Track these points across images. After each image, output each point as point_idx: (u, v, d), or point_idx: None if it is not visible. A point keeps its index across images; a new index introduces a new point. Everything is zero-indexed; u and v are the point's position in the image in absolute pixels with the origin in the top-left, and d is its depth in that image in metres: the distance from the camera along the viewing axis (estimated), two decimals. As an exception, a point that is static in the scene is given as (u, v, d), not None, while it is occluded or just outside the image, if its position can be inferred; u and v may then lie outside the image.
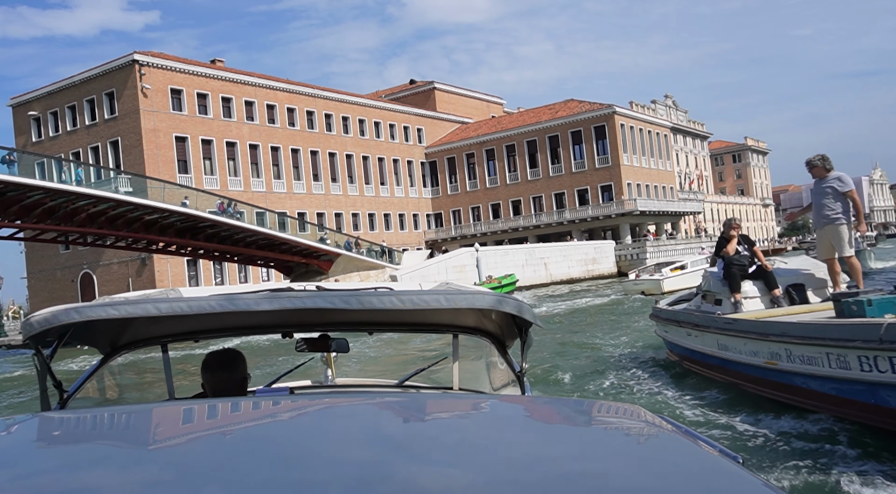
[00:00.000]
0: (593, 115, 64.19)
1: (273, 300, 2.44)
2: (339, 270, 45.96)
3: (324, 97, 62.07)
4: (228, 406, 1.86)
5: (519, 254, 53.04)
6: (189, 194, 38.53)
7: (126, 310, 2.42)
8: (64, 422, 1.69)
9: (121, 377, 4.05)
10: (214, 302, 2.42)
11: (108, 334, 3.01)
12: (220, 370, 2.84)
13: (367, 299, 2.43)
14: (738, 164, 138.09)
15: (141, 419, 1.67)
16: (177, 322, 2.90)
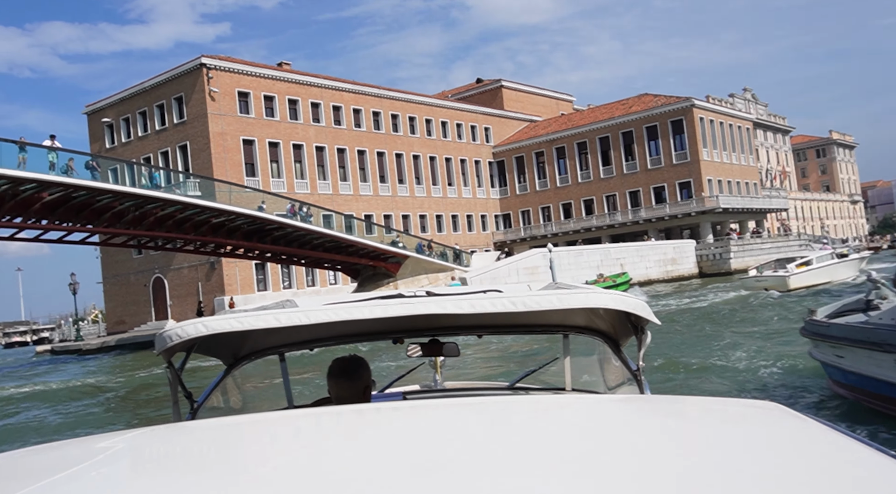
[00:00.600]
0: (670, 108, 61.22)
1: (386, 307, 2.48)
2: (408, 272, 44.73)
3: (390, 98, 61.14)
4: (349, 413, 1.91)
5: (594, 255, 50.76)
6: (264, 198, 38.18)
7: (248, 322, 2.50)
8: (197, 432, 1.80)
9: (243, 386, 4.21)
10: (331, 312, 2.49)
11: (230, 345, 3.12)
12: (344, 378, 2.88)
13: (478, 303, 2.43)
14: (822, 159, 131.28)
15: (269, 428, 1.76)
16: (293, 332, 2.96)
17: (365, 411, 1.96)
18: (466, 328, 3.24)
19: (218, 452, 1.54)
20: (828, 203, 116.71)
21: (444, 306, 2.44)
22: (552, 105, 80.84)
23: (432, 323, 2.94)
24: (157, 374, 23.40)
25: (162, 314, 50.96)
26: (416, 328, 3.03)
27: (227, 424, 1.95)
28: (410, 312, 2.46)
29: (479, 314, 2.44)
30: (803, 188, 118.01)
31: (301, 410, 2.82)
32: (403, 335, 3.11)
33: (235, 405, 3.64)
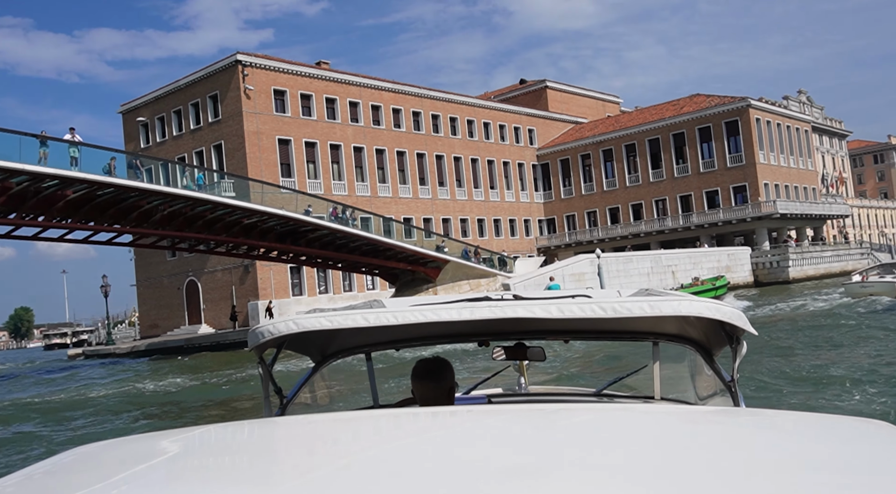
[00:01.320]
0: (724, 109, 58.11)
1: (473, 310, 2.49)
2: (448, 278, 42.61)
3: (430, 97, 59.21)
4: (434, 415, 1.95)
5: (644, 261, 48.01)
6: (310, 202, 36.70)
7: (338, 321, 2.55)
8: (287, 427, 1.88)
9: (330, 383, 4.14)
10: (418, 313, 2.53)
11: (319, 343, 3.17)
12: (429, 379, 2.86)
13: (566, 308, 2.42)
14: (880, 164, 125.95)
15: (356, 427, 1.80)
16: (380, 332, 2.98)
17: (450, 413, 2.01)
18: (553, 333, 3.15)
19: (306, 448, 1.60)
20: (886, 211, 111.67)
21: (531, 310, 2.44)
22: (598, 107, 78.11)
23: (519, 327, 2.95)
24: (177, 383, 21.67)
25: (195, 318, 49.68)
26: (502, 331, 3.03)
27: (315, 421, 2.05)
28: (497, 315, 2.45)
29: (566, 318, 2.43)
30: (860, 195, 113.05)
31: (386, 410, 2.92)
32: (489, 337, 3.12)
33: (322, 402, 3.70)
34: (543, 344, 3.29)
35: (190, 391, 19.71)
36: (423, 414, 2.05)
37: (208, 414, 15.63)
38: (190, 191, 30.81)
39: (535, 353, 3.17)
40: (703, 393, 3.31)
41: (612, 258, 46.66)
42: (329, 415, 2.27)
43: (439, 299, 3.12)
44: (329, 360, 3.27)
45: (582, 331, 3.14)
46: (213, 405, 16.98)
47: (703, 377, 3.22)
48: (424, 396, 2.83)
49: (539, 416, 1.77)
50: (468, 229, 60.34)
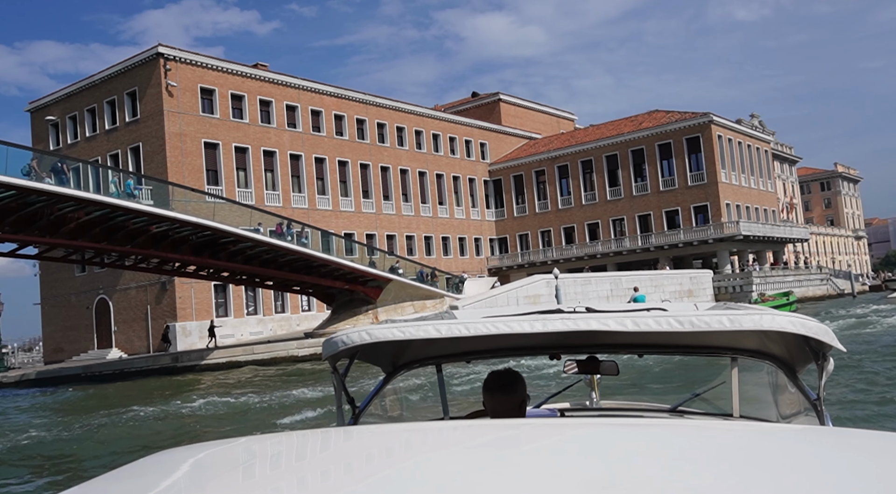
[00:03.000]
0: (685, 125, 55.44)
1: (546, 322, 2.48)
2: (390, 298, 38.28)
3: (376, 105, 55.09)
4: (506, 428, 1.91)
5: (603, 283, 44.47)
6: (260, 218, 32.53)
7: (410, 332, 2.57)
8: (360, 436, 1.90)
9: (401, 394, 4.37)
10: (490, 325, 2.49)
11: (390, 354, 3.18)
12: (500, 392, 2.83)
13: (642, 321, 2.39)
14: (827, 192, 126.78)
15: (428, 438, 1.80)
16: (451, 344, 2.99)
17: (522, 426, 1.98)
18: (627, 347, 3.10)
19: (380, 458, 1.61)
20: (832, 238, 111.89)
21: (605, 323, 2.41)
22: (552, 123, 75.18)
23: (592, 340, 2.89)
24: (37, 425, 16.78)
25: (105, 342, 44.13)
26: (574, 344, 2.98)
27: (387, 431, 2.08)
28: (571, 328, 2.44)
29: (642, 332, 2.39)
30: (807, 222, 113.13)
31: (458, 421, 2.90)
32: (561, 350, 3.09)
33: (393, 412, 3.67)
34: (616, 358, 3.20)
35: (43, 442, 14.90)
36: (495, 426, 2.02)
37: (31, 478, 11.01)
38: (76, 191, 25.92)
39: (607, 367, 3.12)
40: (786, 412, 3.13)
41: (569, 280, 43.00)
42: (401, 425, 2.33)
43: (510, 312, 2.98)
44: (400, 371, 3.27)
45: (657, 345, 3.05)
46: (49, 459, 12.31)
47: (786, 395, 3.08)
48: (496, 408, 2.81)
49: (613, 431, 1.71)
50: (415, 246, 56.13)
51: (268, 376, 27.70)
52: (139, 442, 13.47)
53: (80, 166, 33.05)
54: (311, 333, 37.59)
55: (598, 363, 3.10)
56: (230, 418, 15.88)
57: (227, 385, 24.62)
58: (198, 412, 17.06)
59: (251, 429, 13.66)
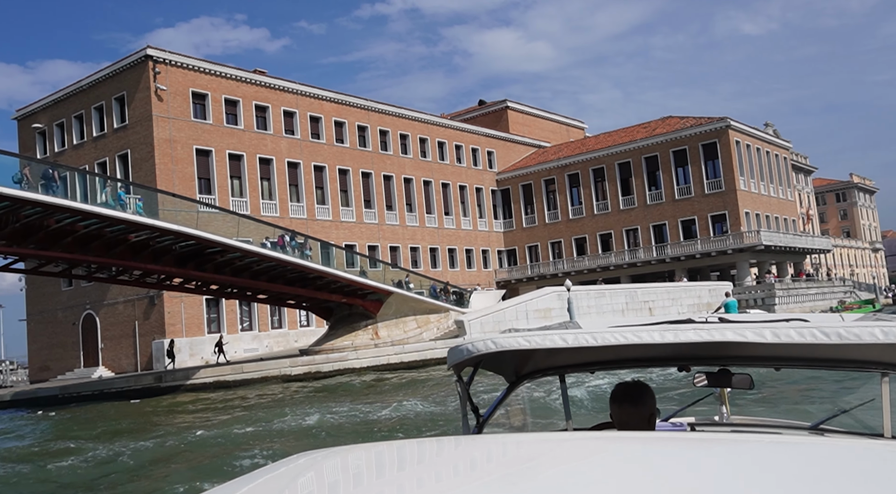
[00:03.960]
0: (701, 130, 53.00)
1: (678, 333, 2.40)
2: (391, 312, 35.91)
3: (378, 111, 52.94)
4: (633, 440, 1.87)
5: (618, 296, 41.91)
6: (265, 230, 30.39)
7: (535, 341, 2.54)
8: (486, 445, 1.92)
9: (524, 404, 4.39)
10: (618, 334, 2.45)
11: (514, 363, 3.16)
12: (629, 403, 2.78)
13: (783, 332, 2.28)
14: (842, 203, 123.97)
15: (556, 448, 1.77)
16: (575, 353, 2.95)
17: (651, 439, 1.91)
18: (764, 360, 2.90)
19: (507, 467, 1.61)
20: (849, 250, 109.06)
21: (742, 333, 2.32)
22: (562, 131, 72.90)
23: (725, 352, 2.75)
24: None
25: (92, 360, 41.83)
26: (705, 355, 2.85)
27: (514, 441, 2.03)
28: (704, 338, 2.35)
29: (782, 343, 2.29)
30: (823, 233, 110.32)
31: (585, 432, 2.78)
32: (691, 362, 2.98)
33: (516, 422, 3.95)
34: (750, 371, 3.03)
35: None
36: (624, 439, 1.96)
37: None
38: (42, 196, 23.73)
39: (741, 381, 2.96)
40: None
41: (581, 293, 40.48)
42: (528, 435, 2.28)
43: (640, 322, 2.92)
44: (523, 380, 3.24)
45: (797, 359, 2.84)
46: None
47: None
48: (624, 420, 2.76)
49: (748, 448, 1.60)
50: (419, 258, 53.75)
51: (253, 399, 25.26)
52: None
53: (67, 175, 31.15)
54: (306, 350, 35.22)
55: (731, 375, 2.94)
56: (176, 468, 13.41)
57: (202, 413, 22.20)
58: (140, 456, 14.57)
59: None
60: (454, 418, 14.29)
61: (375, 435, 13.79)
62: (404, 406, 17.68)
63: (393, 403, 18.60)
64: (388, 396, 21.63)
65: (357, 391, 24.96)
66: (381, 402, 19.73)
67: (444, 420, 14.77)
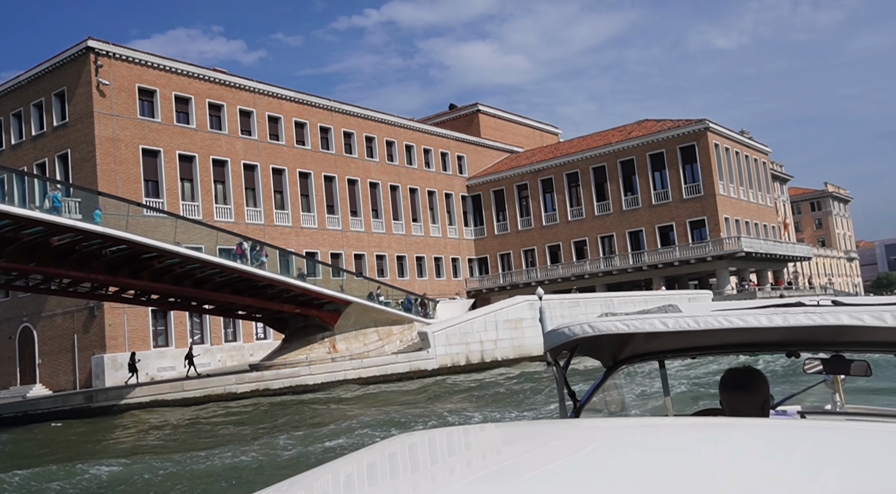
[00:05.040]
0: (679, 133, 51.16)
1: (788, 316, 2.30)
2: (350, 323, 33.34)
3: (342, 112, 50.44)
4: (741, 426, 1.79)
5: (593, 305, 39.66)
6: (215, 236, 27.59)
7: (634, 325, 2.48)
8: (581, 429, 1.88)
9: (622, 389, 4.08)
10: (722, 318, 2.37)
11: (611, 348, 3.10)
12: (740, 391, 2.68)
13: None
14: (817, 212, 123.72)
15: (651, 433, 1.72)
16: (675, 338, 2.85)
17: (761, 426, 1.84)
18: (880, 345, 2.66)
19: (606, 451, 1.56)
20: (825, 259, 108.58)
21: (859, 317, 2.19)
22: (535, 136, 70.90)
23: (838, 337, 2.62)
24: None
25: (29, 377, 38.66)
26: (816, 340, 2.72)
27: (614, 425, 2.00)
28: (816, 322, 2.25)
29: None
30: (799, 242, 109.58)
31: (689, 418, 2.67)
32: (800, 347, 2.83)
33: (614, 407, 3.51)
34: (866, 357, 2.95)
35: None
36: (730, 425, 1.86)
37: None
38: None
39: (858, 367, 2.89)
40: None
41: (555, 302, 38.17)
42: (628, 420, 2.23)
43: (742, 305, 2.74)
44: (621, 366, 3.17)
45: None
46: None
47: None
48: (735, 408, 2.65)
49: (866, 437, 1.51)
50: (386, 267, 51.19)
51: (188, 423, 22.51)
52: None
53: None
54: (256, 365, 32.48)
55: (848, 362, 2.85)
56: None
57: (115, 443, 19.42)
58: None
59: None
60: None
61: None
62: (358, 434, 15.15)
63: (344, 427, 16.06)
64: (341, 418, 19.07)
65: (304, 412, 22.34)
66: (334, 425, 17.18)
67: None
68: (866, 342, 2.63)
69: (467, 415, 17.20)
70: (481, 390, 24.41)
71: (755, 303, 2.76)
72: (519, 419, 15.69)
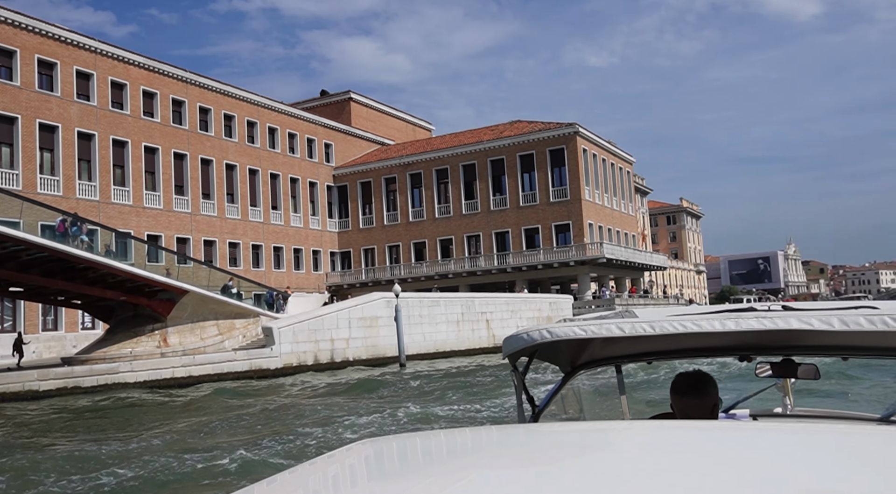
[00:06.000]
0: (550, 135, 50.86)
1: (740, 321, 2.32)
2: (186, 315, 29.96)
3: (199, 85, 46.39)
4: (699, 429, 1.79)
5: (454, 305, 38.19)
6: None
7: (591, 330, 2.45)
8: (543, 433, 1.91)
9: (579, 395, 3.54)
10: (677, 323, 2.38)
11: (569, 353, 3.10)
12: (691, 394, 2.69)
13: (852, 319, 2.17)
14: (672, 226, 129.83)
15: (616, 436, 1.72)
16: (631, 343, 2.90)
17: (715, 428, 1.86)
18: (830, 349, 2.77)
19: (565, 455, 1.54)
20: (678, 272, 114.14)
21: (808, 321, 2.23)
22: (408, 130, 69.10)
23: (789, 341, 2.66)
24: None
25: None
26: (768, 345, 2.79)
27: (573, 429, 2.01)
28: (767, 326, 2.27)
29: (851, 332, 2.19)
30: (655, 253, 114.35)
31: (645, 421, 2.64)
32: (753, 352, 2.90)
33: (572, 412, 3.58)
34: (816, 361, 2.95)
35: None
36: (685, 427, 1.89)
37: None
38: None
39: (807, 371, 2.87)
40: None
41: (413, 300, 36.37)
42: (585, 424, 2.24)
43: (698, 310, 2.84)
44: (578, 371, 3.18)
45: (867, 348, 2.77)
46: None
47: None
48: (685, 412, 2.68)
49: (816, 437, 1.54)
50: (239, 256, 47.61)
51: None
52: None
53: None
54: (69, 358, 28.48)
55: (796, 366, 2.86)
56: None
57: None
58: None
59: None
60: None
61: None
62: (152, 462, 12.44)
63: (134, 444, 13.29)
64: (146, 427, 16.19)
65: (114, 416, 19.14)
66: (128, 441, 14.34)
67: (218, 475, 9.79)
68: (815, 346, 2.70)
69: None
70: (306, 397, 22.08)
71: (709, 308, 2.82)
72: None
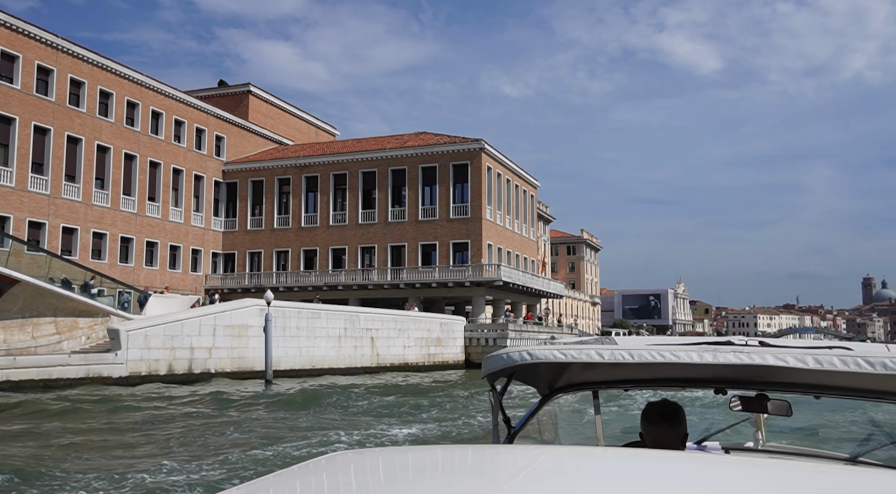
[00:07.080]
0: (455, 149, 48.81)
1: (717, 354, 2.34)
2: (16, 308, 25.77)
3: (73, 54, 41.65)
4: (666, 458, 1.78)
5: (336, 319, 35.12)
6: None
7: (571, 354, 2.47)
8: (516, 455, 1.89)
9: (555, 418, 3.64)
10: (655, 352, 2.38)
11: (548, 376, 3.10)
12: (664, 423, 2.72)
13: (826, 359, 2.19)
14: (571, 256, 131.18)
15: (580, 463, 1.70)
16: (610, 370, 2.88)
17: (686, 458, 1.84)
18: (803, 387, 2.82)
19: (537, 478, 1.53)
20: (574, 302, 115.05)
21: (783, 358, 2.25)
22: (310, 132, 65.68)
23: (764, 376, 2.69)
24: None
25: None
26: (744, 379, 2.81)
27: (546, 452, 1.99)
28: (744, 361, 2.30)
29: (824, 371, 2.21)
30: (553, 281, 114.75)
31: (619, 449, 2.57)
32: (727, 385, 2.88)
33: (547, 436, 3.55)
34: (789, 398, 2.90)
35: None
36: (657, 457, 1.85)
37: None
38: None
39: (778, 407, 2.84)
40: None
41: (291, 311, 33.13)
42: (559, 448, 2.25)
43: (676, 341, 2.76)
44: (556, 394, 3.18)
45: (839, 387, 2.78)
46: None
47: None
48: (656, 440, 2.68)
49: (787, 474, 1.54)
50: (105, 249, 42.89)
51: None
52: None
53: None
54: None
55: (768, 401, 2.84)
56: None
57: None
58: None
59: None
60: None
61: None
62: None
63: None
64: None
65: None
66: None
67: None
68: (789, 383, 2.76)
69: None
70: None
71: (687, 340, 2.76)
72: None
